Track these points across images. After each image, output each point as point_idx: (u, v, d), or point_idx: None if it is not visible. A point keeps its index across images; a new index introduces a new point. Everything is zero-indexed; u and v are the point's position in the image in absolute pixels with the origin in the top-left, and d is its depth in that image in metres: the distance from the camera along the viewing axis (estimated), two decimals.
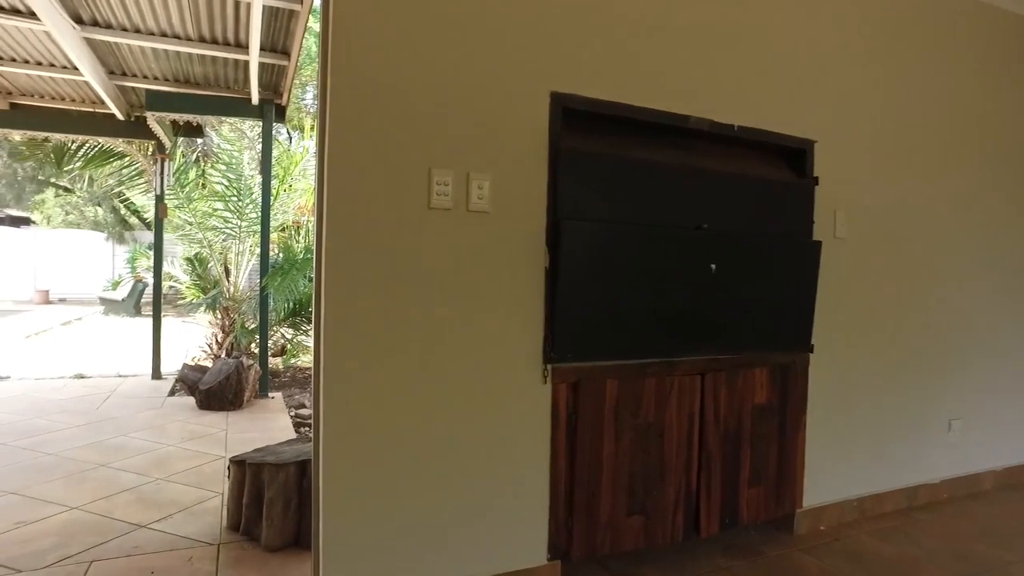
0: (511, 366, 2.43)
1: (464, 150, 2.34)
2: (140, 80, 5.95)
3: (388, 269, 2.23)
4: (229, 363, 5.56)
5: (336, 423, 2.15)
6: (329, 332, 2.15)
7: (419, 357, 2.27)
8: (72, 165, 7.11)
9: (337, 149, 2.16)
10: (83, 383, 6.53)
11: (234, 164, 7.35)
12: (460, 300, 2.34)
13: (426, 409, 2.29)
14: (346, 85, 2.14)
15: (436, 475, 2.30)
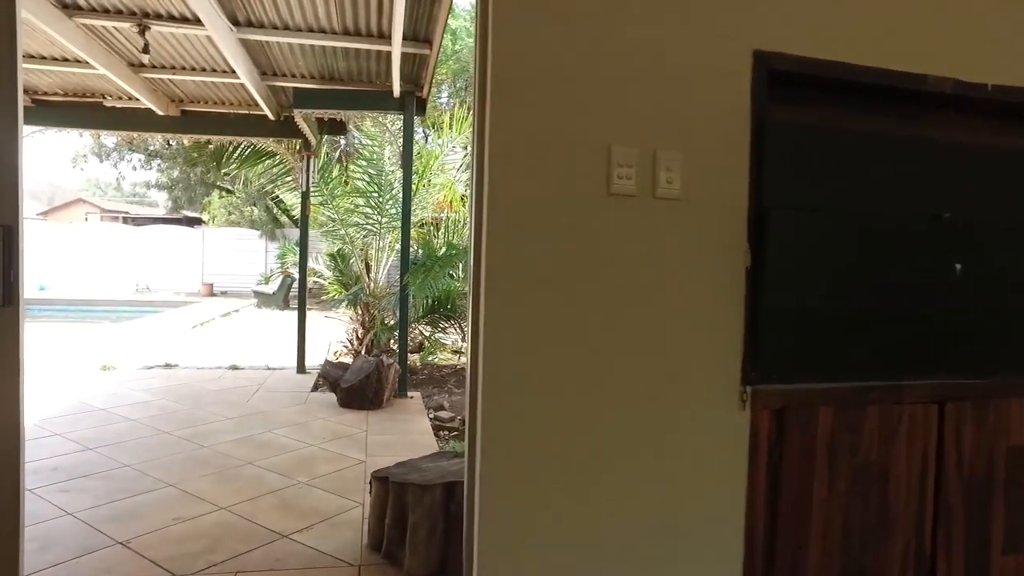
0: (701, 385, 1.99)
1: (649, 126, 1.92)
2: (288, 79, 6.04)
3: (558, 266, 1.87)
4: (370, 361, 5.50)
5: (495, 444, 1.83)
6: (490, 338, 1.83)
7: (590, 369, 1.90)
8: (229, 166, 7.45)
9: (499, 131, 1.82)
10: (236, 374, 6.80)
11: (375, 160, 7.37)
12: (642, 304, 1.93)
13: (597, 429, 1.91)
14: (509, 60, 1.81)
15: (608, 511, 1.92)
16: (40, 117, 6.77)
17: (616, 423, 1.92)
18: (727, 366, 2.01)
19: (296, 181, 7.45)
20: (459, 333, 7.48)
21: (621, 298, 1.92)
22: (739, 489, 2.03)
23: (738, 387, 2.01)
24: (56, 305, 16.25)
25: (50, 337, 9.46)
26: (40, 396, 5.55)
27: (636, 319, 1.93)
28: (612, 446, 1.93)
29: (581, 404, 1.89)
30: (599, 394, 1.91)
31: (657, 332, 1.95)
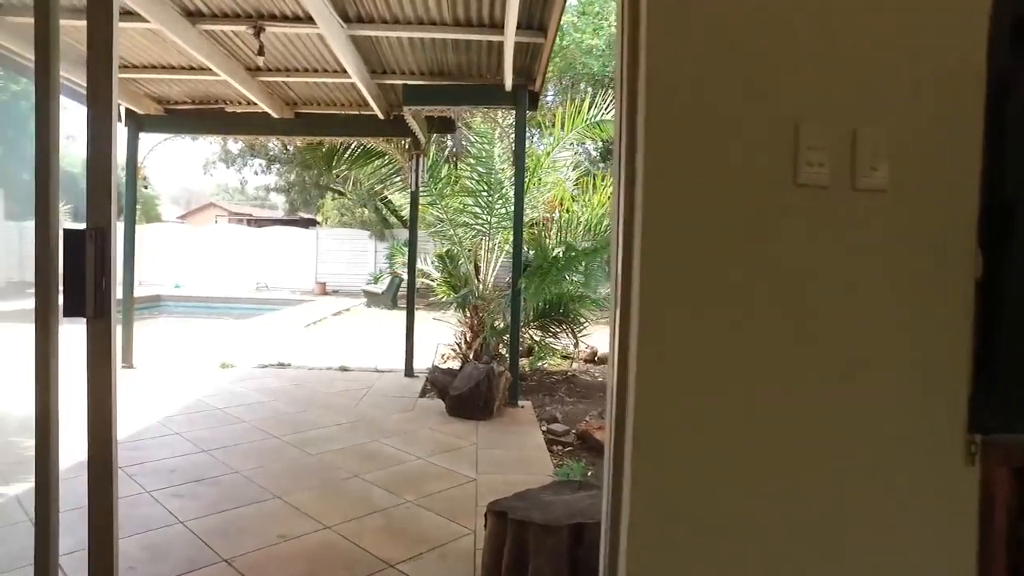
0: (909, 431, 1.53)
1: (847, 97, 1.49)
2: (398, 76, 5.91)
3: (729, 275, 1.48)
4: (480, 369, 5.26)
5: (647, 500, 1.46)
6: (643, 363, 1.47)
7: (763, 399, 1.49)
8: (340, 166, 7.48)
9: (656, 112, 1.46)
10: (346, 376, 6.78)
11: (484, 158, 7.15)
12: (835, 324, 1.51)
13: (775, 476, 1.50)
14: (666, 24, 1.44)
15: None
16: (172, 125, 7.04)
17: (798, 469, 1.51)
18: (947, 407, 1.54)
19: (405, 181, 7.38)
20: (571, 338, 7.13)
21: (808, 316, 1.50)
22: (966, 568, 1.55)
23: (963, 435, 1.53)
24: (188, 302, 17.34)
25: (180, 333, 9.96)
26: (167, 392, 5.72)
27: (827, 342, 1.51)
28: (794, 498, 1.51)
29: (755, 446, 1.49)
30: (774, 428, 1.50)
31: (852, 360, 1.51)
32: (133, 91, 6.56)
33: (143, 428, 4.62)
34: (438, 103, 5.75)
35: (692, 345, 1.48)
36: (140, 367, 6.89)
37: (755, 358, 1.49)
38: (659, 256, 1.47)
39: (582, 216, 7.00)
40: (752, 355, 1.49)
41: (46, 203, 1.60)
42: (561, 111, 7.51)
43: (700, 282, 1.48)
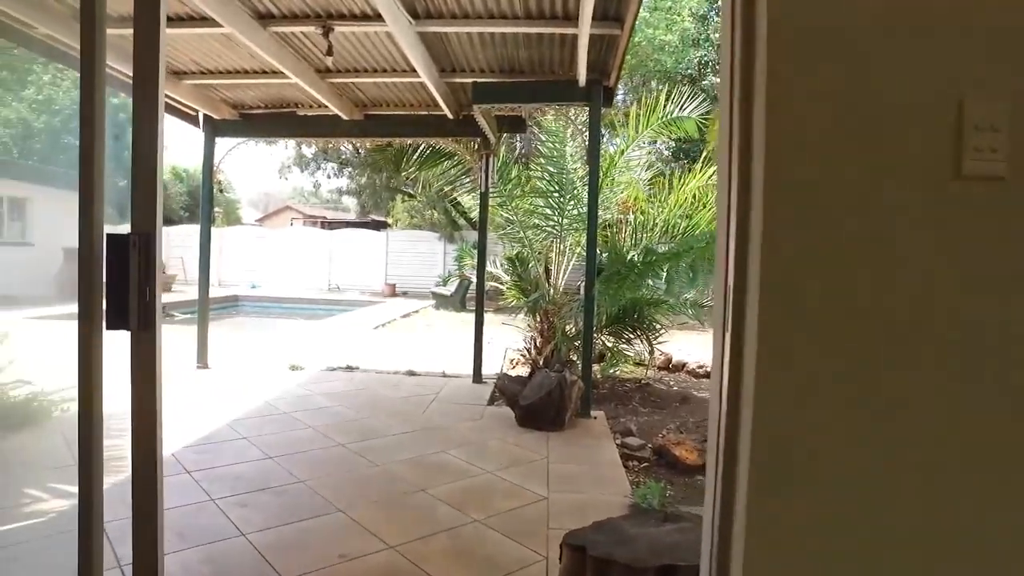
0: None
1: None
2: (467, 75, 5.75)
3: (874, 288, 1.20)
4: (551, 378, 5.02)
5: (764, 527, 1.21)
6: (768, 384, 1.21)
7: (914, 436, 1.21)
8: (409, 168, 7.40)
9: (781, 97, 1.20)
10: (413, 381, 6.67)
11: (555, 157, 6.92)
12: (1002, 348, 1.20)
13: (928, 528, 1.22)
14: None
15: None
16: (246, 129, 7.13)
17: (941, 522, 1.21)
18: None
19: (474, 182, 7.22)
20: (645, 345, 6.79)
21: (974, 340, 1.20)
22: None
23: None
24: (263, 302, 17.85)
25: (255, 333, 10.16)
26: (237, 394, 5.74)
27: (997, 371, 1.20)
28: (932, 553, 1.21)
29: (903, 492, 1.21)
30: (934, 477, 1.21)
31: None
32: (210, 97, 6.66)
33: (213, 431, 4.61)
34: (509, 101, 5.54)
35: (826, 372, 1.21)
36: (215, 367, 6.99)
37: (904, 389, 1.20)
38: (784, 269, 1.21)
39: (657, 217, 6.66)
40: (901, 386, 1.20)
41: (89, 205, 1.47)
42: (635, 108, 7.19)
43: (835, 299, 1.20)
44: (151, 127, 1.52)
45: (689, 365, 8.02)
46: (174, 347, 8.04)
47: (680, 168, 16.70)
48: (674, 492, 3.95)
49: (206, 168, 6.98)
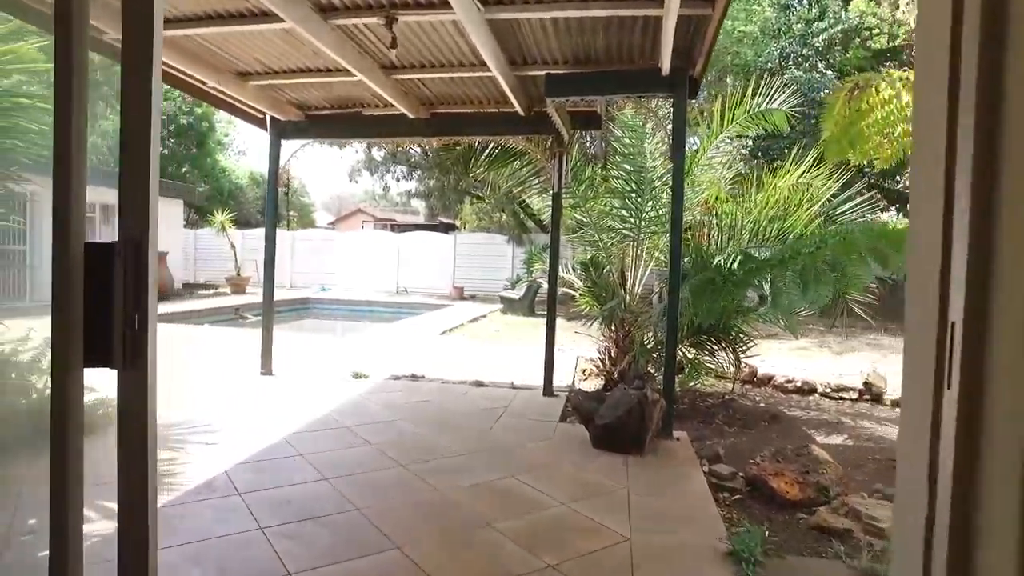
0: None
1: None
2: (539, 67, 5.36)
3: None
4: (630, 395, 4.56)
5: None
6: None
7: None
8: (477, 168, 7.07)
9: None
10: (480, 393, 6.32)
11: (633, 155, 6.44)
12: None
13: None
14: None
15: None
16: (312, 130, 6.97)
17: None
18: None
19: (546, 182, 6.84)
20: (729, 356, 6.23)
21: None
22: None
23: None
24: (333, 305, 18.01)
25: (322, 336, 10.08)
26: (298, 404, 5.54)
27: None
28: None
29: None
30: None
31: None
32: (275, 98, 6.52)
33: (269, 446, 4.38)
34: (584, 93, 5.11)
35: None
36: (279, 373, 6.86)
37: None
38: None
39: (745, 219, 6.07)
40: None
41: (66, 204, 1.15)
42: (720, 101, 6.62)
43: None
44: (143, 102, 1.19)
45: (776, 379, 7.37)
46: (241, 351, 8.00)
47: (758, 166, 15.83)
48: (774, 534, 3.43)
49: (272, 171, 6.85)
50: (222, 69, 5.65)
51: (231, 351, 8.35)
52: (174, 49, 5.07)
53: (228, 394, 5.88)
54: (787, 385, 7.16)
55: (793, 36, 16.45)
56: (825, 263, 3.64)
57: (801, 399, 6.93)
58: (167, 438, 4.52)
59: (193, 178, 26.74)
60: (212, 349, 8.57)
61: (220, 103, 6.50)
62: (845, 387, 7.04)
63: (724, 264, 5.05)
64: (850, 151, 4.73)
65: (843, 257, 3.50)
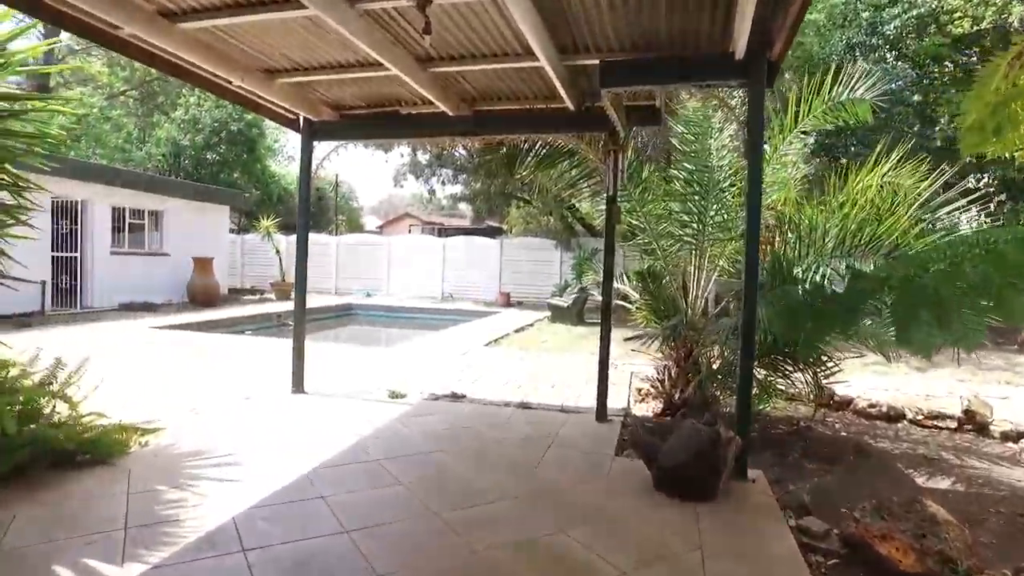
0: None
1: None
2: (592, 54, 4.76)
3: None
4: (699, 433, 3.91)
5: None
6: None
7: None
8: (523, 171, 6.49)
9: None
10: (526, 417, 5.73)
11: (696, 153, 5.78)
12: None
13: None
14: None
15: None
16: (346, 131, 6.53)
17: None
18: None
19: (598, 184, 6.23)
20: (809, 378, 5.50)
21: None
22: None
23: None
24: (376, 311, 17.71)
25: (361, 348, 9.66)
26: (327, 431, 5.06)
27: None
28: None
29: None
30: None
31: None
32: (307, 97, 6.09)
33: (289, 484, 3.89)
34: (645, 83, 4.48)
35: None
36: (312, 391, 6.42)
37: None
38: None
39: (827, 223, 5.31)
40: None
41: None
42: (796, 91, 5.88)
43: None
44: None
45: (857, 403, 6.55)
46: (276, 364, 7.61)
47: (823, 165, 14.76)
48: None
49: (303, 174, 6.43)
50: (247, 66, 5.23)
51: (266, 364, 7.98)
52: (193, 45, 4.66)
53: (255, 416, 5.45)
54: (870, 410, 6.35)
55: (860, 25, 15.36)
56: (967, 284, 2.92)
57: (888, 427, 6.11)
58: (180, 472, 4.08)
59: (244, 184, 26.98)
60: (247, 362, 8.23)
61: (249, 104, 6.10)
62: (940, 414, 6.18)
63: (807, 277, 4.33)
64: (992, 140, 3.93)
65: (995, 277, 2.79)
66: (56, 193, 13.18)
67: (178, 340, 9.93)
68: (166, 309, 14.45)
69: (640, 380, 7.47)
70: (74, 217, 13.82)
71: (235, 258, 21.68)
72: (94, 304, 14.10)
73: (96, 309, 13.89)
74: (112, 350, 8.74)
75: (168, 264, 16.09)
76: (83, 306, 13.98)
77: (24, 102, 4.61)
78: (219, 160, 26.82)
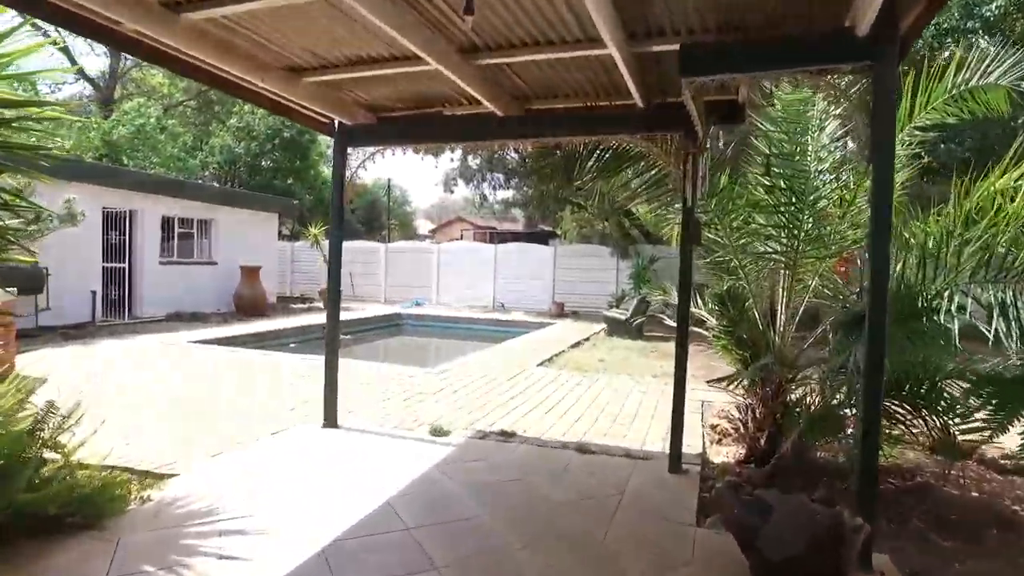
0: None
1: None
2: (668, 38, 3.94)
3: None
4: (813, 515, 3.04)
5: None
6: None
7: None
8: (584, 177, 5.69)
9: None
10: (585, 464, 4.93)
11: (789, 155, 4.88)
12: None
13: None
14: None
15: None
16: (383, 135, 5.82)
17: None
18: None
19: (670, 193, 5.38)
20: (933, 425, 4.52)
21: None
22: None
23: None
24: (425, 321, 17.14)
25: (404, 368, 9.02)
26: (353, 485, 4.38)
27: None
28: None
29: None
30: None
31: None
32: (340, 98, 5.45)
33: (297, 567, 3.20)
34: (736, 70, 3.59)
35: None
36: (344, 424, 5.78)
37: None
38: None
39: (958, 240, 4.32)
40: None
41: None
42: (912, 78, 4.91)
43: None
44: None
45: (987, 452, 5.47)
46: (313, 387, 7.01)
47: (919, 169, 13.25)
48: None
49: (336, 182, 5.80)
50: (267, 64, 4.59)
51: (303, 386, 7.41)
52: (202, 39, 4.04)
53: (279, 461, 4.82)
54: (1003, 462, 5.28)
55: (951, 8, 13.92)
56: None
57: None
58: (178, 544, 3.44)
59: (298, 190, 26.96)
60: (283, 384, 7.67)
61: (280, 108, 5.49)
62: None
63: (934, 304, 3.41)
64: None
65: None
66: (107, 203, 13.08)
67: (214, 358, 9.50)
68: (213, 319, 14.19)
69: (714, 412, 6.58)
70: (123, 227, 13.70)
71: (284, 265, 21.51)
72: (143, 314, 13.96)
73: (144, 319, 13.74)
74: (142, 369, 8.34)
75: (216, 273, 15.91)
76: (132, 316, 13.84)
77: (21, 108, 4.07)
78: (273, 167, 26.87)
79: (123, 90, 31.61)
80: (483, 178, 21.79)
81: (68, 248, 11.98)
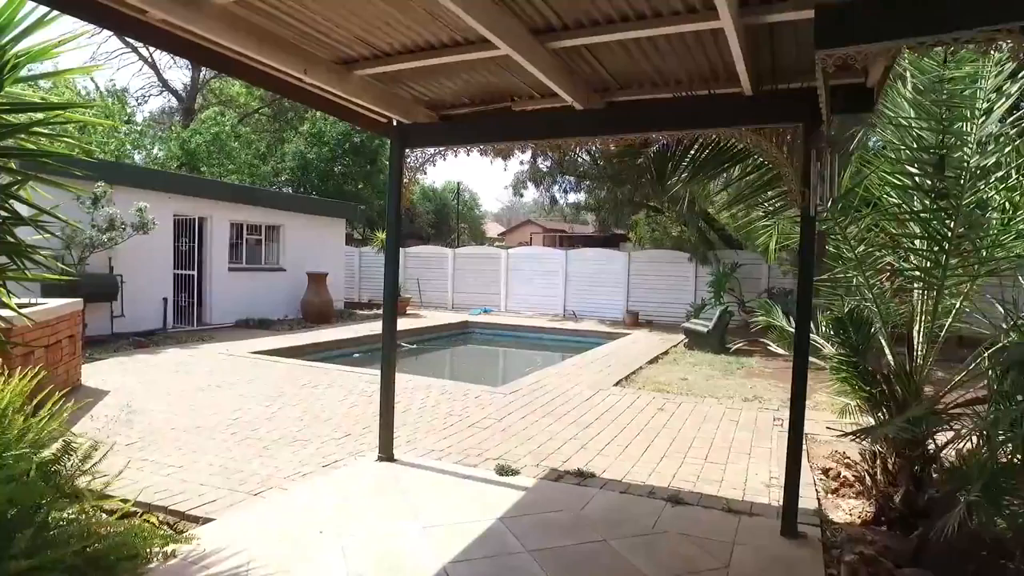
0: None
1: None
2: (790, 5, 3.15)
3: None
4: None
5: None
6: None
7: None
8: (679, 177, 4.90)
9: None
10: (679, 520, 4.13)
11: (934, 148, 3.96)
12: None
13: None
14: None
15: None
16: (444, 135, 5.18)
17: None
18: None
19: (783, 196, 4.53)
20: None
21: None
22: None
23: None
24: (494, 330, 16.58)
25: (470, 388, 8.41)
26: (404, 542, 3.76)
27: None
28: None
29: None
30: None
31: None
32: (397, 95, 4.87)
33: None
34: (898, 35, 2.71)
35: None
36: (400, 456, 5.20)
37: None
38: None
39: None
40: None
41: None
42: None
43: None
44: None
45: None
46: (372, 408, 6.49)
47: None
48: None
49: (393, 186, 5.22)
50: (310, 54, 4.03)
51: (363, 407, 6.91)
52: (235, 26, 3.50)
53: (323, 503, 4.26)
54: None
55: None
56: None
57: None
58: None
59: (368, 195, 27.02)
60: (342, 404, 7.20)
61: (331, 106, 4.95)
62: None
63: None
64: None
65: None
66: (177, 210, 13.11)
67: (274, 372, 9.16)
68: (279, 326, 14.03)
69: (825, 453, 5.64)
70: (193, 235, 13.73)
71: (353, 271, 21.41)
72: (212, 321, 13.95)
73: (213, 326, 13.71)
74: (198, 384, 8.04)
75: (284, 279, 15.82)
76: (201, 323, 13.85)
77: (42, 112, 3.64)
78: (344, 172, 27.01)
79: (203, 100, 32.65)
80: (553, 181, 21.07)
81: (141, 255, 12.03)
